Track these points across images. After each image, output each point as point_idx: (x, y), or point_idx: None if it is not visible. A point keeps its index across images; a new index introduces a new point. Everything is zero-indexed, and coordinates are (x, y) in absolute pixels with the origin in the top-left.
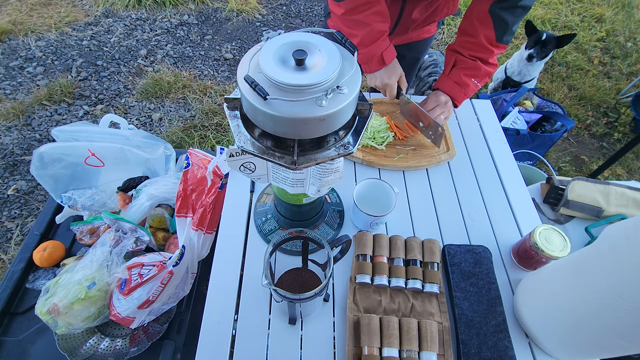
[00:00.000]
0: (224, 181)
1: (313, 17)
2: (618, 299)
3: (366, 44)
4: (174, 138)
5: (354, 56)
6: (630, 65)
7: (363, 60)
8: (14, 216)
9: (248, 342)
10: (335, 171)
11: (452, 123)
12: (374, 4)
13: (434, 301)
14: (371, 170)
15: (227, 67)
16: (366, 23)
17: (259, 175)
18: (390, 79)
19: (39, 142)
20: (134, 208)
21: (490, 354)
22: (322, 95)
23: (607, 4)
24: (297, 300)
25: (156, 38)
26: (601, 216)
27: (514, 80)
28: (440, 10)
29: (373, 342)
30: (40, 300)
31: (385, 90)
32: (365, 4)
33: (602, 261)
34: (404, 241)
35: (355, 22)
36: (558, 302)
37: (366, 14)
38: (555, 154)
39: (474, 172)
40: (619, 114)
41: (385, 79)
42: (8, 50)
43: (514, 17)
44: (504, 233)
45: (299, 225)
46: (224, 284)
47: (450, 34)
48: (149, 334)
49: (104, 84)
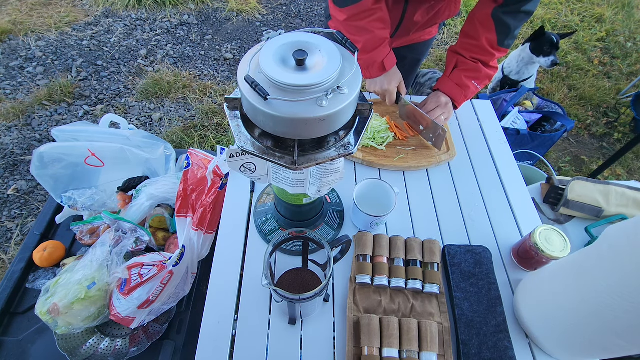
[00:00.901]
0: (224, 181)
1: (313, 17)
2: (618, 299)
3: (368, 50)
4: (174, 138)
5: (355, 56)
6: (630, 65)
7: (364, 66)
8: (14, 216)
9: (248, 342)
10: (336, 171)
11: (452, 123)
12: (376, 10)
13: (434, 301)
14: (371, 171)
15: (227, 67)
16: (368, 30)
17: (259, 175)
18: (391, 85)
19: (39, 142)
20: (134, 208)
21: (490, 354)
22: (322, 96)
23: (607, 4)
24: (297, 300)
25: (156, 38)
26: (601, 216)
27: (512, 79)
28: (442, 13)
29: (373, 342)
30: (40, 300)
31: (384, 96)
32: (367, 11)
33: (602, 261)
34: (404, 241)
35: (358, 29)
36: (558, 302)
37: (368, 20)
38: (555, 154)
39: (474, 172)
40: (619, 114)
41: (386, 85)
42: (8, 50)
43: (516, 21)
44: (504, 233)
45: (299, 225)
46: (224, 284)
47: (451, 35)
48: (149, 334)
49: (104, 84)
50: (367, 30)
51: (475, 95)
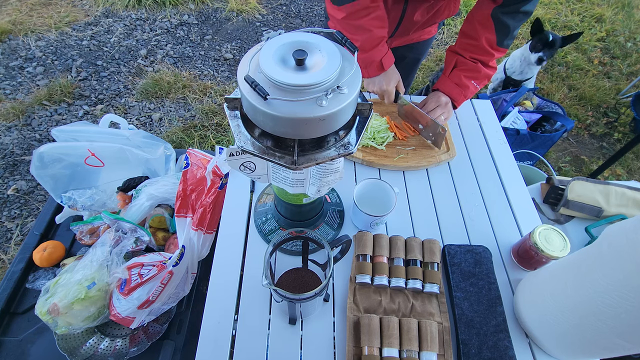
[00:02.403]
0: (223, 181)
1: (313, 17)
2: (618, 299)
3: (366, 49)
4: (174, 138)
5: (354, 56)
6: (630, 65)
7: (362, 65)
8: (14, 216)
9: (248, 342)
10: (335, 171)
11: (452, 123)
12: (374, 9)
13: (434, 301)
14: (371, 170)
15: (227, 67)
16: (367, 29)
17: (259, 174)
18: (389, 85)
19: (39, 142)
20: (134, 208)
21: (490, 354)
22: (322, 95)
23: (607, 4)
24: (297, 300)
25: (156, 38)
26: (601, 216)
27: (515, 79)
28: (441, 12)
29: (373, 342)
30: (40, 300)
31: (383, 96)
32: (365, 9)
33: (602, 261)
34: (404, 241)
35: (356, 28)
36: (558, 301)
37: (366, 19)
38: (555, 154)
39: (474, 172)
40: (618, 114)
41: (384, 85)
42: (8, 50)
43: (515, 21)
44: (504, 233)
45: (299, 225)
46: (224, 284)
47: (450, 34)
48: (149, 334)
49: (104, 84)
50: (365, 29)
51: (474, 95)
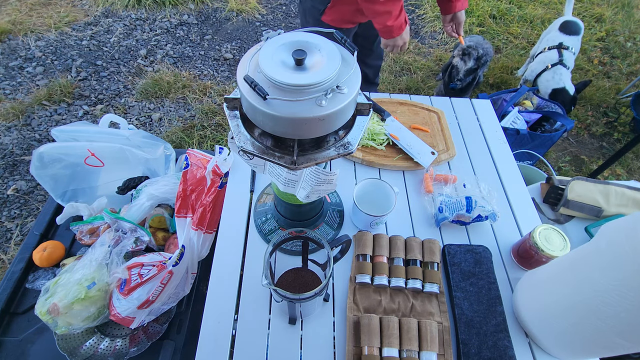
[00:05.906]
0: (223, 180)
1: None
2: (617, 298)
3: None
4: (173, 138)
5: (354, 56)
6: (630, 65)
7: (397, 26)
8: (14, 216)
9: (248, 342)
10: (329, 182)
11: (452, 123)
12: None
13: (434, 301)
14: (371, 170)
15: (227, 67)
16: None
17: (256, 164)
18: (409, 34)
19: (38, 142)
20: (134, 208)
21: (490, 353)
22: (321, 95)
23: (607, 4)
24: (297, 300)
25: (156, 38)
26: (601, 216)
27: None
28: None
29: (373, 342)
30: (40, 300)
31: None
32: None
33: (600, 259)
34: (404, 241)
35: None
36: (557, 300)
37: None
38: (555, 154)
39: (473, 172)
40: (618, 114)
41: (408, 35)
42: (8, 50)
43: None
44: (504, 233)
45: (299, 225)
46: (224, 283)
47: None
48: (149, 334)
49: (104, 84)
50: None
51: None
